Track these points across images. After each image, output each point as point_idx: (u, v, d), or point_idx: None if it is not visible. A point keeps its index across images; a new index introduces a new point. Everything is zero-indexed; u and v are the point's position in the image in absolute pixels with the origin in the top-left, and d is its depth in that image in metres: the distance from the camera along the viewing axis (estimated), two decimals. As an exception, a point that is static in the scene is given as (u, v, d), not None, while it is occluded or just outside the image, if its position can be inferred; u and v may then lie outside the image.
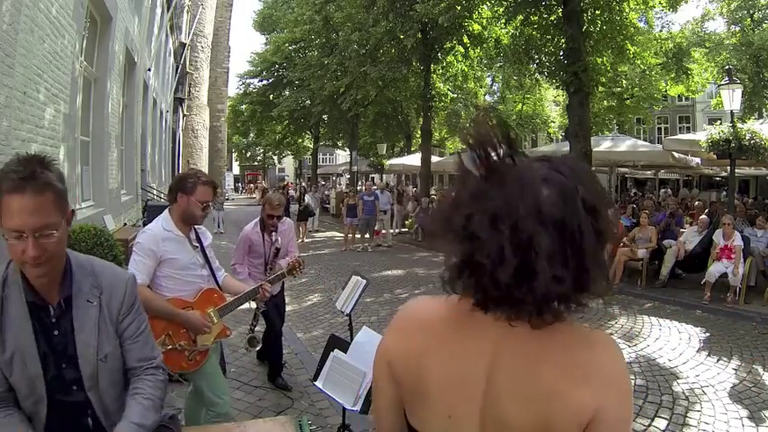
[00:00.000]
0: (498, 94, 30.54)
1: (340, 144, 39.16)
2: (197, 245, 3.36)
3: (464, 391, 1.07)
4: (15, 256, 1.66)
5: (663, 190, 24.57)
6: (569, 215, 0.94)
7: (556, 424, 1.01)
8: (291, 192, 20.55)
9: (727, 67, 12.60)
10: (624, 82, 20.11)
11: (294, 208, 17.76)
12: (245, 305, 3.79)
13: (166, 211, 3.30)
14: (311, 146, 39.62)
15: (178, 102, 25.28)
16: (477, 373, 1.06)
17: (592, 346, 1.07)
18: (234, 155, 60.83)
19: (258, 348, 4.72)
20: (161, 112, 20.17)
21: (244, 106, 38.56)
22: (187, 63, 25.96)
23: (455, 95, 25.55)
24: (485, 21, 18.94)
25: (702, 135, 10.63)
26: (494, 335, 1.05)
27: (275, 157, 54.44)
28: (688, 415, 4.72)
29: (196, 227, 3.37)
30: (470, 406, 1.07)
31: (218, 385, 3.32)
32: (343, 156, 48.20)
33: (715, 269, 8.66)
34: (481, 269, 0.97)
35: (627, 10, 14.10)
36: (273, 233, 4.95)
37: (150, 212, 9.96)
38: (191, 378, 3.39)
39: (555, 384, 1.01)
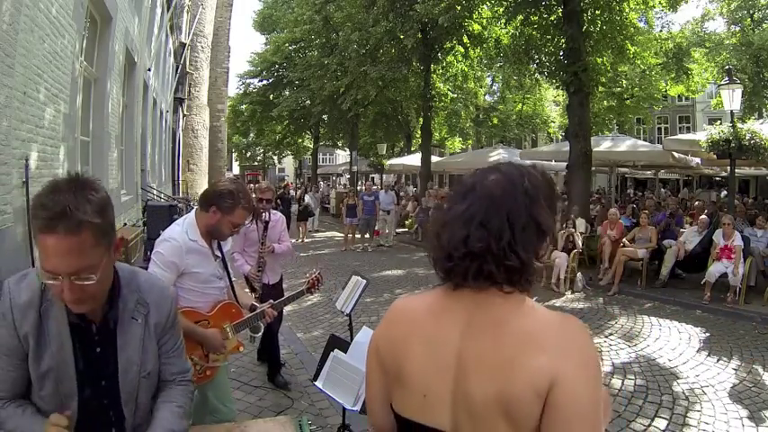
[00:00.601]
0: (498, 94, 30.56)
1: (340, 144, 39.16)
2: (218, 254, 3.16)
3: (438, 371, 1.17)
4: (55, 294, 1.55)
5: (662, 190, 24.58)
6: (508, 195, 1.17)
7: (514, 393, 1.07)
8: (292, 192, 20.51)
9: (727, 67, 12.60)
10: (624, 82, 20.12)
11: (294, 208, 17.76)
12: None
13: (193, 215, 3.05)
14: (311, 146, 39.63)
15: (178, 102, 25.23)
16: (450, 353, 1.16)
17: (553, 319, 1.17)
18: (234, 155, 60.76)
19: (260, 334, 4.80)
20: (161, 112, 20.13)
21: (244, 106, 38.52)
22: (187, 63, 25.94)
23: (455, 95, 25.54)
24: (485, 21, 18.94)
25: (702, 135, 10.62)
26: (463, 317, 1.18)
27: (275, 158, 54.39)
28: (688, 415, 4.72)
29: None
30: (443, 384, 1.16)
31: (225, 394, 3.28)
32: (343, 156, 48.21)
33: (715, 269, 8.66)
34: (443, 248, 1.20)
35: (627, 10, 14.08)
36: (263, 214, 5.11)
37: (150, 213, 9.96)
38: (198, 387, 3.29)
39: (513, 353, 1.10)
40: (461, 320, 1.18)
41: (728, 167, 11.03)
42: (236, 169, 63.74)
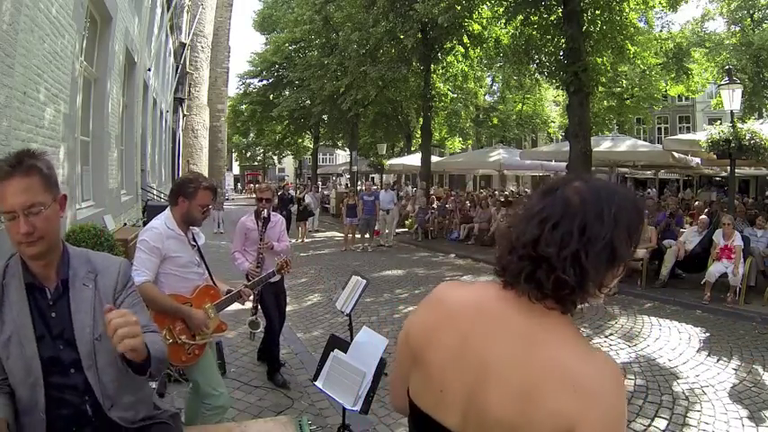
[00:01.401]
0: (498, 94, 30.54)
1: (340, 144, 39.17)
2: (194, 244, 3.52)
3: (459, 370, 1.14)
4: (12, 238, 1.80)
5: (650, 190, 24.55)
6: (589, 206, 1.10)
7: (531, 424, 1.03)
8: (291, 191, 20.51)
9: (727, 67, 12.60)
10: (624, 82, 20.11)
11: (294, 208, 17.75)
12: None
13: (168, 210, 3.42)
14: (311, 146, 39.63)
15: (178, 102, 25.29)
16: (476, 356, 1.12)
17: (590, 357, 1.08)
18: (234, 155, 60.87)
19: (259, 330, 4.86)
20: (161, 112, 20.16)
21: (244, 106, 38.56)
22: (187, 63, 25.97)
23: (455, 95, 25.54)
24: (485, 21, 18.93)
25: (702, 135, 10.62)
26: (501, 323, 1.14)
27: (275, 157, 54.47)
28: (688, 415, 4.72)
29: (192, 228, 3.51)
30: (461, 385, 1.13)
31: (214, 378, 3.42)
32: (343, 156, 48.24)
33: (715, 269, 8.66)
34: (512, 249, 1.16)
35: (627, 10, 14.08)
36: (263, 212, 5.18)
37: (150, 212, 9.97)
38: (187, 373, 3.53)
39: (539, 381, 1.04)
40: (498, 326, 1.13)
41: (728, 167, 11.03)
42: (236, 169, 63.87)
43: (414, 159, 23.87)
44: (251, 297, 4.03)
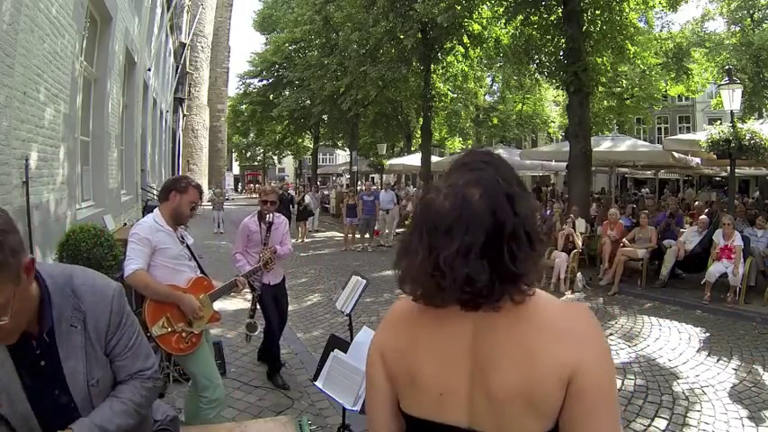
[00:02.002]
0: (498, 94, 30.52)
1: (340, 144, 39.14)
2: (183, 241, 3.64)
3: (452, 367, 1.15)
4: None
5: (643, 190, 24.58)
6: (498, 209, 1.09)
7: (538, 382, 1.07)
8: (291, 192, 20.52)
9: (727, 66, 12.60)
10: (624, 82, 20.11)
11: (294, 208, 17.74)
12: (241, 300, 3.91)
13: (157, 209, 3.60)
14: (311, 146, 39.62)
15: (178, 102, 25.30)
16: (463, 348, 1.15)
17: (566, 309, 1.17)
18: (234, 155, 60.88)
19: (257, 333, 4.86)
20: (161, 112, 20.17)
21: (244, 106, 38.55)
22: (187, 63, 25.97)
23: (455, 95, 25.52)
24: (485, 21, 18.92)
25: (702, 135, 10.62)
26: (469, 314, 1.14)
27: (275, 158, 54.47)
28: (688, 415, 4.72)
29: (180, 229, 3.64)
30: (459, 380, 1.15)
31: (210, 369, 3.52)
32: (343, 156, 48.21)
33: (715, 269, 8.66)
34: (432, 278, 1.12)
35: (627, 10, 14.07)
36: (267, 215, 5.14)
37: (150, 212, 9.96)
38: (183, 363, 3.69)
39: (533, 343, 1.10)
40: (470, 317, 1.15)
41: (728, 167, 11.02)
42: (236, 169, 63.86)
43: (414, 159, 23.86)
44: (246, 286, 4.18)
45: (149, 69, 14.72)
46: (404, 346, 1.23)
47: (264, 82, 36.46)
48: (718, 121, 16.55)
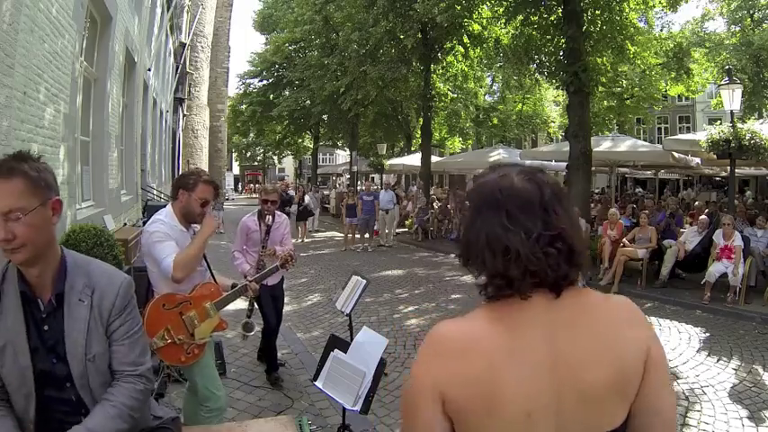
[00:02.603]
0: (498, 94, 30.50)
1: (340, 144, 39.13)
2: None
3: (539, 383, 1.08)
4: None
5: (638, 189, 24.57)
6: (550, 200, 1.14)
7: (630, 369, 1.11)
8: (291, 192, 20.51)
9: (727, 66, 12.60)
10: (624, 82, 20.08)
11: (294, 208, 17.74)
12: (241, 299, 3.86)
13: (169, 206, 3.44)
14: (311, 146, 39.61)
15: (178, 102, 25.26)
16: (545, 359, 1.09)
17: (620, 300, 1.22)
18: (234, 155, 60.83)
19: (253, 333, 4.86)
20: (161, 112, 20.14)
21: (244, 106, 38.48)
22: (187, 63, 25.95)
23: (455, 95, 25.51)
24: (485, 21, 18.90)
25: (702, 135, 10.61)
26: (539, 320, 1.12)
27: (275, 158, 54.42)
28: (688, 415, 4.72)
29: (193, 226, 3.47)
30: (548, 394, 1.09)
31: (212, 379, 3.39)
32: (343, 156, 48.21)
33: (715, 269, 8.66)
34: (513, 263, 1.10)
35: (627, 10, 14.06)
36: (268, 216, 5.12)
37: (150, 212, 9.91)
38: (186, 373, 3.51)
39: (616, 333, 1.13)
40: (540, 324, 1.11)
41: (728, 167, 11.02)
42: (236, 169, 63.86)
43: (414, 159, 23.84)
44: (258, 292, 4.00)
45: (149, 69, 14.70)
46: (476, 372, 1.08)
47: (264, 82, 36.43)
48: (718, 121, 16.55)
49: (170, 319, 3.14)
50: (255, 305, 4.99)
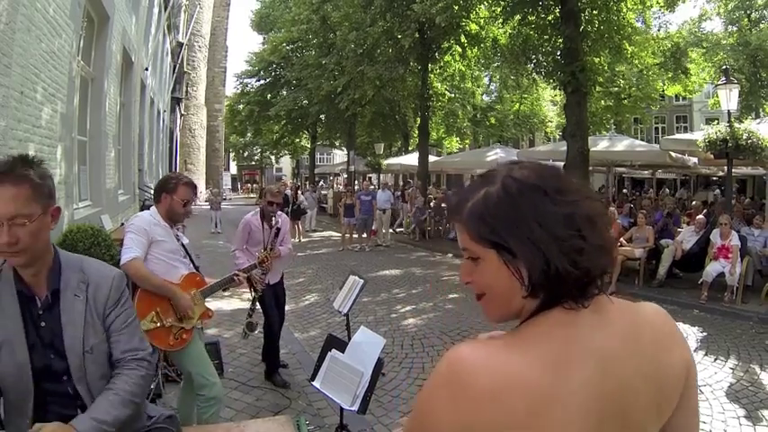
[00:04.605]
0: (496, 94, 30.56)
1: (337, 144, 39.13)
2: (178, 239, 3.62)
3: (584, 424, 0.90)
4: None
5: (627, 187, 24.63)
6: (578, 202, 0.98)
7: (670, 391, 1.01)
8: (288, 191, 20.51)
9: (724, 66, 12.60)
10: (622, 82, 20.15)
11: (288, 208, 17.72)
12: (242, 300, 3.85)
13: (153, 208, 3.58)
14: (308, 145, 39.58)
15: (175, 101, 25.26)
16: (590, 396, 0.90)
17: (656, 311, 1.08)
18: (231, 154, 60.75)
19: (256, 332, 4.86)
20: (158, 112, 20.13)
21: (241, 106, 38.45)
22: (184, 63, 25.93)
23: (453, 95, 25.55)
24: (482, 20, 18.92)
25: (700, 135, 10.62)
26: (587, 346, 0.94)
27: (273, 157, 54.36)
28: (685, 414, 4.72)
29: (175, 229, 3.61)
30: (595, 421, 0.91)
31: (206, 367, 3.47)
32: (340, 155, 48.17)
33: (712, 269, 8.67)
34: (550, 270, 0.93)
35: (624, 10, 14.10)
36: (273, 218, 5.15)
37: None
38: (178, 363, 3.64)
39: (660, 347, 1.01)
40: (588, 353, 0.93)
41: (725, 167, 11.04)
42: (233, 169, 63.79)
43: (411, 159, 23.87)
44: (245, 282, 4.00)
45: (147, 69, 14.69)
46: (513, 419, 0.87)
47: (262, 82, 36.37)
48: (716, 121, 16.57)
49: (159, 302, 3.27)
50: (258, 305, 4.97)
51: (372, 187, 18.31)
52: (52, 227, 1.91)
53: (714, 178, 24.38)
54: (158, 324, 3.22)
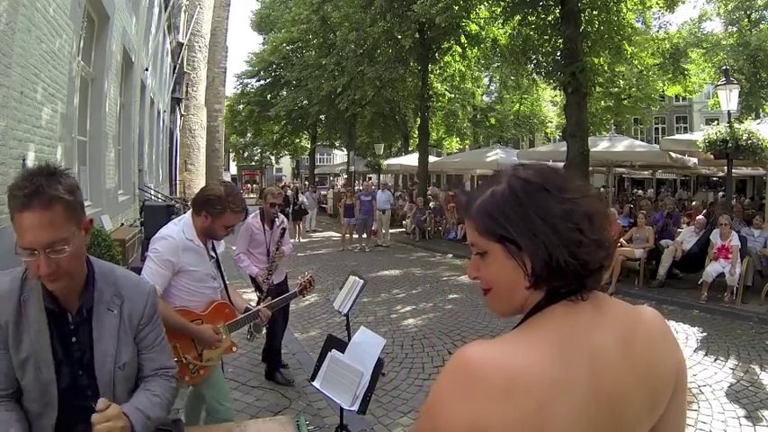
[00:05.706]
0: (496, 95, 30.59)
1: (337, 144, 39.12)
2: (213, 255, 3.26)
3: (584, 422, 0.92)
4: (32, 273, 1.64)
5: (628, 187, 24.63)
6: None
7: (662, 393, 1.04)
8: (289, 192, 20.51)
9: (724, 67, 12.61)
10: (621, 82, 20.15)
11: (288, 209, 17.73)
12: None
13: (189, 216, 3.14)
14: (308, 146, 39.61)
15: (175, 102, 25.18)
16: (588, 390, 0.93)
17: (652, 314, 1.11)
18: (231, 155, 60.71)
19: (262, 333, 4.86)
20: (158, 112, 20.09)
21: (241, 106, 38.46)
22: (184, 63, 25.90)
23: (452, 95, 25.56)
24: (482, 21, 18.94)
25: (699, 135, 10.62)
26: (583, 342, 0.96)
27: (273, 158, 54.35)
28: (685, 414, 4.72)
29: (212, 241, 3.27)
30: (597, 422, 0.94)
31: (222, 393, 3.30)
32: (340, 156, 48.20)
33: (712, 269, 8.67)
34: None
35: (624, 10, 14.11)
36: (275, 219, 5.22)
37: (147, 212, 9.95)
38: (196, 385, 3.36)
39: (653, 347, 1.04)
40: (585, 348, 0.96)
41: (725, 168, 11.04)
42: (233, 169, 63.72)
43: (411, 159, 23.87)
44: (267, 320, 3.63)
45: (147, 69, 14.67)
46: (525, 416, 0.88)
47: (262, 82, 36.39)
48: (716, 122, 16.57)
49: (180, 336, 2.91)
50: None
51: (373, 187, 18.34)
52: (86, 240, 1.77)
53: (714, 179, 24.38)
54: (175, 359, 2.78)
